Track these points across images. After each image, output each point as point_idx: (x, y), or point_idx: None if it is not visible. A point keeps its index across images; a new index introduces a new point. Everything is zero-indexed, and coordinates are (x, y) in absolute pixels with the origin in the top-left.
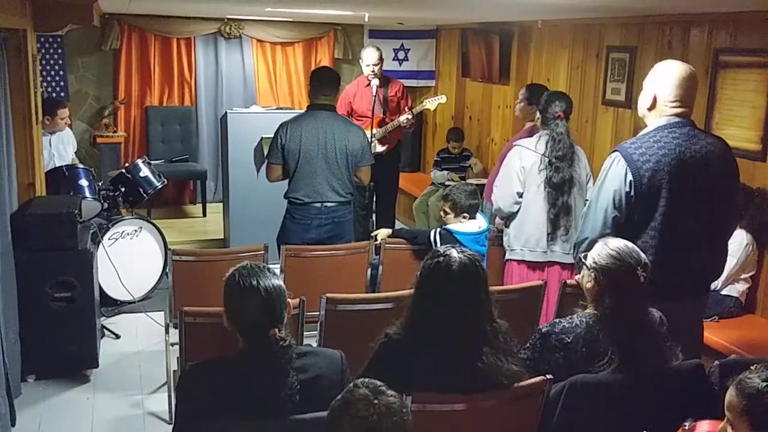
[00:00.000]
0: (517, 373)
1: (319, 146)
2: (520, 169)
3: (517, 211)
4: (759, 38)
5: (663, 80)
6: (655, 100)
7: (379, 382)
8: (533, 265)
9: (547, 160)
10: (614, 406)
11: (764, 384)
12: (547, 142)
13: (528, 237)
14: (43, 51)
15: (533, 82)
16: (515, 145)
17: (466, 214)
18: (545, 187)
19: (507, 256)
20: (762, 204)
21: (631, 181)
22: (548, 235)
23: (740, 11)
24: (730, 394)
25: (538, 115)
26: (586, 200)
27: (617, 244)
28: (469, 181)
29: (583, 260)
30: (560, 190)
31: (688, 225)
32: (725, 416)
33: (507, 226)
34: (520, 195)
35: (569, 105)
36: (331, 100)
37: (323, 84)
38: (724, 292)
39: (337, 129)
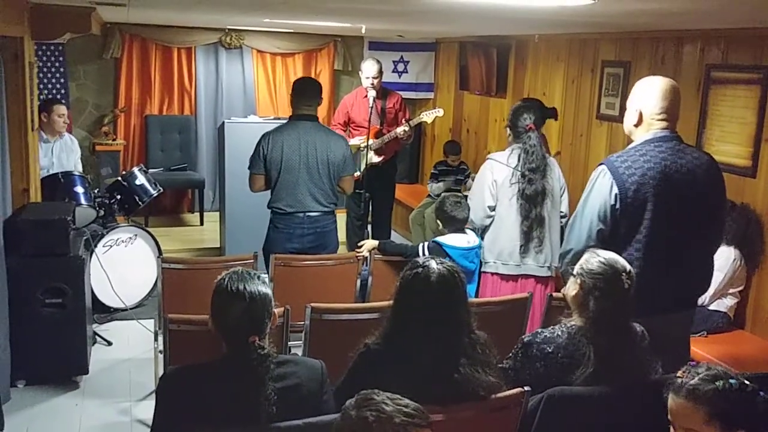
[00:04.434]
0: (494, 385)
1: (300, 156)
2: (492, 183)
3: (491, 224)
4: (750, 55)
5: (647, 95)
6: (641, 115)
7: (369, 392)
8: (506, 278)
9: (519, 172)
10: (592, 419)
11: (720, 382)
12: (519, 155)
13: (501, 250)
14: (44, 59)
15: (529, 95)
16: (487, 159)
17: (446, 227)
18: (518, 200)
19: (482, 269)
20: (751, 220)
21: (616, 194)
22: (521, 247)
23: (731, 28)
24: (682, 407)
25: (509, 131)
26: (561, 212)
27: (605, 254)
28: (465, 194)
29: (571, 271)
30: (533, 202)
31: (673, 239)
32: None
33: (481, 239)
34: (492, 208)
35: (540, 115)
36: (313, 110)
37: (305, 94)
38: (712, 307)
39: (319, 139)
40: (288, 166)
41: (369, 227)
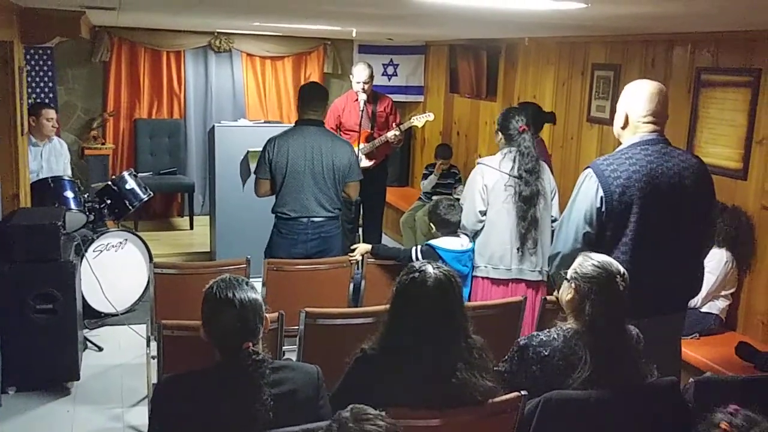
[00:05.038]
0: (491, 389)
1: (306, 161)
2: (483, 188)
3: (482, 229)
4: (739, 57)
5: (633, 98)
6: (627, 118)
7: (363, 407)
8: (497, 282)
9: (516, 174)
10: (589, 422)
11: None
12: (514, 158)
13: (492, 254)
14: (32, 62)
15: (520, 98)
16: (478, 164)
17: (440, 229)
18: (515, 202)
19: (473, 273)
20: (742, 222)
21: (602, 197)
22: (517, 249)
23: (721, 31)
24: None
25: (500, 135)
26: (552, 215)
27: (598, 257)
28: (455, 197)
29: (564, 275)
30: (530, 204)
31: (659, 241)
32: None
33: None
34: (483, 213)
35: (536, 118)
36: (320, 116)
37: (311, 99)
38: (704, 310)
39: (325, 144)
40: (293, 170)
41: (360, 231)
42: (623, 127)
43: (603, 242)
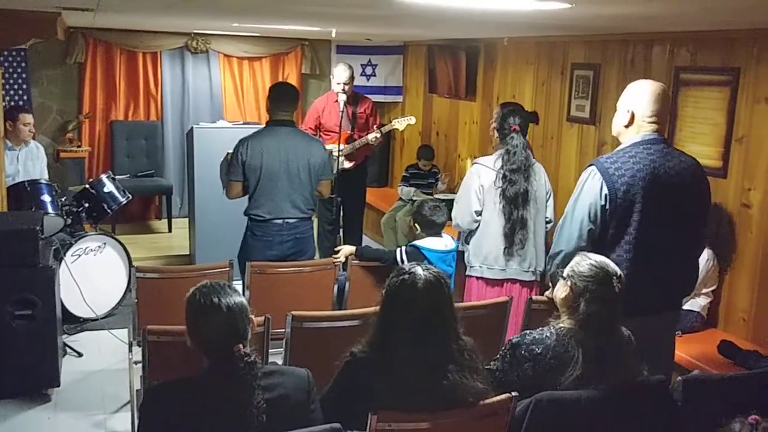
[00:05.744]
0: (482, 391)
1: (281, 162)
2: (479, 188)
3: (477, 228)
4: (718, 57)
5: (640, 97)
6: (633, 116)
7: None
8: (491, 282)
9: (501, 174)
10: (580, 423)
11: None
12: (502, 156)
13: (486, 254)
14: (6, 64)
15: (499, 98)
16: (474, 163)
17: (424, 230)
18: (500, 201)
19: (467, 273)
20: (722, 220)
21: (606, 194)
22: (504, 249)
23: (699, 30)
24: None
25: (496, 133)
26: (547, 217)
27: (595, 257)
28: (436, 197)
29: (560, 274)
30: (515, 204)
31: (661, 240)
32: None
33: (467, 243)
34: (479, 213)
35: (526, 118)
36: (291, 116)
37: (283, 100)
38: (686, 307)
39: (299, 144)
40: (268, 172)
41: (340, 232)
42: (627, 125)
43: (606, 240)
